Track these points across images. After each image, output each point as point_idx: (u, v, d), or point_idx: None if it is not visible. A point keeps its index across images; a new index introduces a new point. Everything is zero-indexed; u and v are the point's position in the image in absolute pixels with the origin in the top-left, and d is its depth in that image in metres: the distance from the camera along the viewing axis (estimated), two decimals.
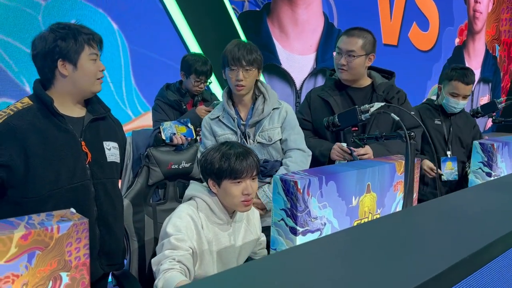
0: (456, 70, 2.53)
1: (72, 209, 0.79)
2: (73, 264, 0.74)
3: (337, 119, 1.43)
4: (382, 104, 1.29)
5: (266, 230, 1.88)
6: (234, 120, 1.97)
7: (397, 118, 1.22)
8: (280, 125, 1.97)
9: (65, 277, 0.74)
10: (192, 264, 1.48)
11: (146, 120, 3.22)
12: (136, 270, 1.85)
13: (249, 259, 1.71)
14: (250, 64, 1.90)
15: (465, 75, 2.48)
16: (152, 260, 1.50)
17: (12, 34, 2.58)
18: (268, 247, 1.83)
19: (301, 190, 1.06)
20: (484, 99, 7.79)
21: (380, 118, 2.00)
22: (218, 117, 2.00)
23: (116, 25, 3.11)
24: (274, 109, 1.98)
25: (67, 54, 1.44)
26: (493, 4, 7.70)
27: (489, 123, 7.95)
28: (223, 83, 3.74)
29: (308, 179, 1.07)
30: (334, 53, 2.15)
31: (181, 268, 1.44)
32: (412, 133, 1.16)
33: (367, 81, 2.19)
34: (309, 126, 2.22)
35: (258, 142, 1.96)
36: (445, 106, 2.56)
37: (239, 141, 1.94)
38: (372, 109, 1.28)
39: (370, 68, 2.23)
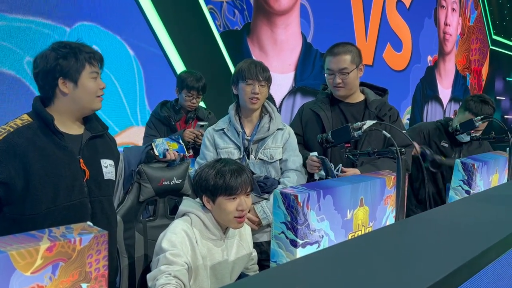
0: (473, 102, 2.47)
1: (89, 222, 0.82)
2: (93, 276, 0.76)
3: (330, 135, 1.48)
4: (374, 121, 1.35)
5: (256, 246, 1.91)
6: (238, 134, 2.01)
7: (388, 135, 1.28)
8: (282, 145, 2.03)
9: None
10: (187, 279, 1.49)
11: None
12: (126, 287, 1.84)
13: (241, 274, 1.73)
14: (265, 80, 2.01)
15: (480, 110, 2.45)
16: (148, 275, 1.50)
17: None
18: (260, 261, 1.85)
19: (301, 204, 1.10)
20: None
21: (372, 135, 2.01)
22: (223, 129, 2.05)
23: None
24: (278, 129, 2.05)
25: (68, 73, 1.46)
26: (462, 29, 8.04)
27: None
28: (209, 102, 3.78)
29: (308, 193, 1.11)
30: (325, 75, 2.14)
31: (177, 283, 1.45)
32: (403, 150, 1.22)
33: (360, 97, 2.19)
34: (299, 139, 2.22)
35: (259, 159, 2.00)
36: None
37: (241, 156, 1.98)
38: (364, 127, 1.35)
39: (363, 84, 2.23)
